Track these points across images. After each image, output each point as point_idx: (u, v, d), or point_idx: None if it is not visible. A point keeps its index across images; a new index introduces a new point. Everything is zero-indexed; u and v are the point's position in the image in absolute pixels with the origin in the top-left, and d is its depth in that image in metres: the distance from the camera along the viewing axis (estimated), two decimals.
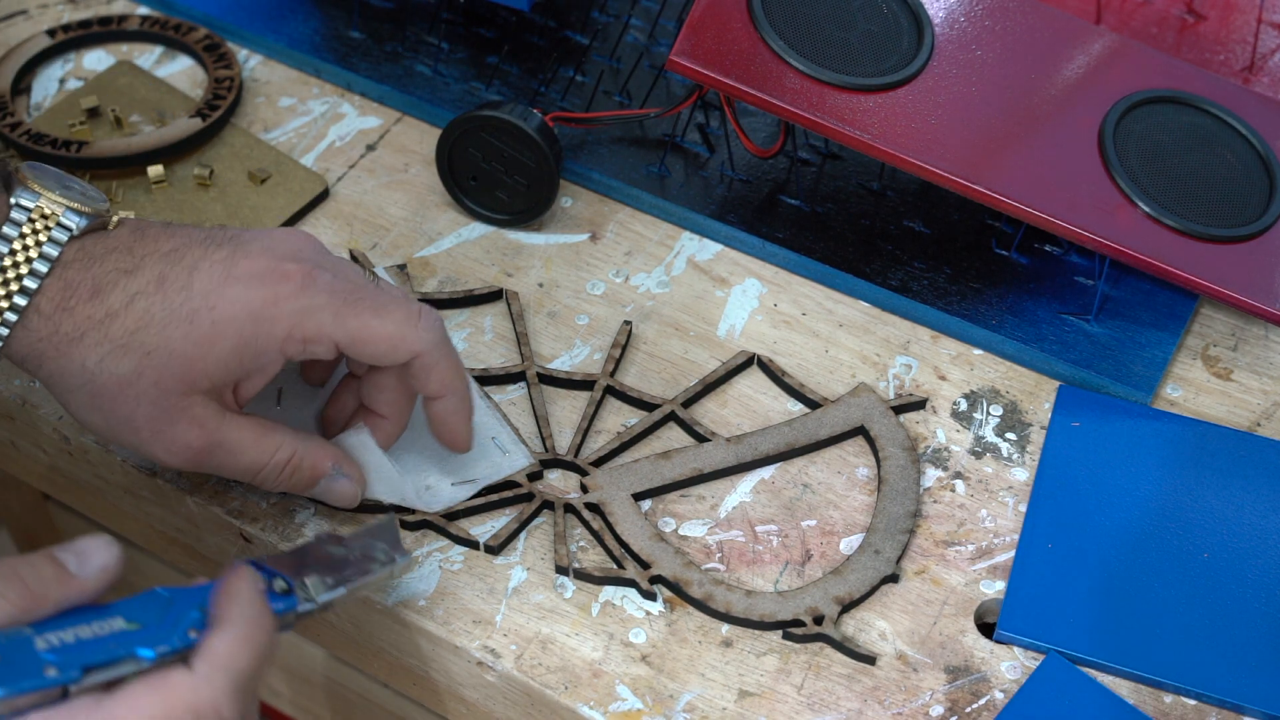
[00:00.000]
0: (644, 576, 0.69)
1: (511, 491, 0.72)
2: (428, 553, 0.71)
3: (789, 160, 0.87)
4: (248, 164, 0.87)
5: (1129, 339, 0.79)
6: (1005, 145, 0.79)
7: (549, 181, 0.82)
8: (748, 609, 0.68)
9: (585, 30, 0.94)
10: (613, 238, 0.85)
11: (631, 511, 0.72)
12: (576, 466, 0.74)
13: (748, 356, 0.78)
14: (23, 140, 0.86)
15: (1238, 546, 0.71)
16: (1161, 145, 0.81)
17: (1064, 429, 0.76)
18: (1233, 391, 0.79)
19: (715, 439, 0.75)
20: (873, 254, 0.83)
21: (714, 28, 0.78)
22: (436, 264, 0.83)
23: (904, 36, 0.81)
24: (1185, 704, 0.67)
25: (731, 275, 0.83)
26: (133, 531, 0.81)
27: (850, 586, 0.69)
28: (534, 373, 0.77)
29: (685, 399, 0.76)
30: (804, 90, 0.77)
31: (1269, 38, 0.93)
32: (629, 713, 0.66)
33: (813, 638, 0.68)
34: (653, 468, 0.73)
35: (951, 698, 0.67)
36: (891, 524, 0.71)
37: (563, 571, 0.70)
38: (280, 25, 0.93)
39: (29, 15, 0.96)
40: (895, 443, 0.74)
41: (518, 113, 0.81)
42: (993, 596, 0.70)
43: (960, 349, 0.80)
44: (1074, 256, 0.83)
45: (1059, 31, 0.84)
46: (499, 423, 0.74)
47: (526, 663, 0.68)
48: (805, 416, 0.76)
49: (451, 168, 0.84)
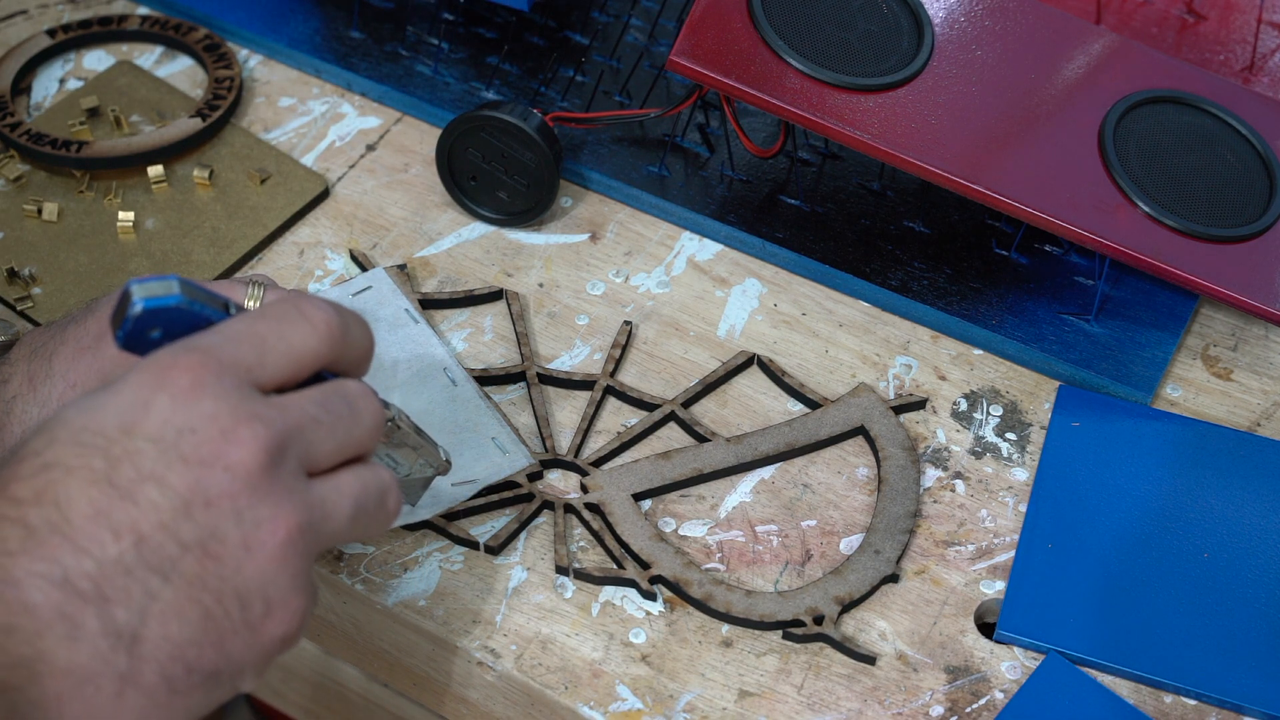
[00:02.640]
0: (644, 576, 0.69)
1: (511, 492, 0.73)
2: (428, 553, 0.71)
3: (789, 160, 0.87)
4: (248, 164, 0.87)
5: (1129, 339, 0.79)
6: (1005, 145, 0.79)
7: (549, 181, 0.82)
8: (748, 609, 0.68)
9: (585, 30, 0.94)
10: (613, 238, 0.85)
11: (631, 511, 0.72)
12: (576, 467, 0.74)
13: (748, 356, 0.78)
14: (23, 140, 0.86)
15: (1238, 546, 0.71)
16: (1161, 145, 0.81)
17: (1064, 429, 0.76)
18: (1233, 391, 0.79)
19: (715, 439, 0.75)
20: (873, 254, 0.83)
21: (714, 28, 0.78)
22: (436, 264, 0.83)
23: (904, 36, 0.81)
24: (1185, 704, 0.67)
25: (731, 275, 0.83)
26: None
27: (850, 586, 0.69)
28: (534, 373, 0.77)
29: (685, 399, 0.76)
30: (804, 90, 0.77)
31: (1269, 38, 0.93)
32: (629, 713, 0.66)
33: (813, 638, 0.68)
34: (653, 468, 0.73)
35: (951, 698, 0.67)
36: (891, 524, 0.71)
37: (563, 571, 0.70)
38: (280, 25, 0.93)
39: (29, 15, 0.96)
40: (895, 443, 0.74)
41: (518, 113, 0.81)
42: (993, 596, 0.70)
43: (960, 349, 0.80)
44: (1074, 256, 0.83)
45: (1059, 31, 0.84)
46: (499, 423, 0.74)
47: (526, 663, 0.68)
48: (805, 416, 0.76)
49: (451, 168, 0.84)
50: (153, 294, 0.54)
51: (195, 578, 0.51)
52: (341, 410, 0.56)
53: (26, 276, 0.81)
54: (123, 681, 0.51)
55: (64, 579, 0.50)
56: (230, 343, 0.54)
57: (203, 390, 0.52)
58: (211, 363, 0.53)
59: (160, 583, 0.51)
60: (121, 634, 0.50)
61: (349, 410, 0.57)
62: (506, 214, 0.84)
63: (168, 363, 0.53)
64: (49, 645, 0.50)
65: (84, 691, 0.50)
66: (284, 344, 0.55)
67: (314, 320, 0.56)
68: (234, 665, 0.53)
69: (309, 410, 0.55)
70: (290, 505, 0.53)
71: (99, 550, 0.50)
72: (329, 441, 0.56)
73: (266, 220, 0.84)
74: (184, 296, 0.55)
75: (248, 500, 0.52)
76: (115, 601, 0.50)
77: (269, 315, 0.56)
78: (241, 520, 0.52)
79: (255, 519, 0.52)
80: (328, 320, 0.57)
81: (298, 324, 0.56)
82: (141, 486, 0.51)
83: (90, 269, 0.82)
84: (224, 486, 0.52)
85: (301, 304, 0.57)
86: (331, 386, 0.57)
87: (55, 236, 0.83)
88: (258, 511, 0.52)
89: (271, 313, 0.56)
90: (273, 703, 0.98)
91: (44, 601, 0.50)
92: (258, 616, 0.53)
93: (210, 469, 0.52)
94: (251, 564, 0.52)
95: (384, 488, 0.58)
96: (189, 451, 0.52)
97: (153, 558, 0.51)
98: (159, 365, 0.53)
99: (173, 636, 0.51)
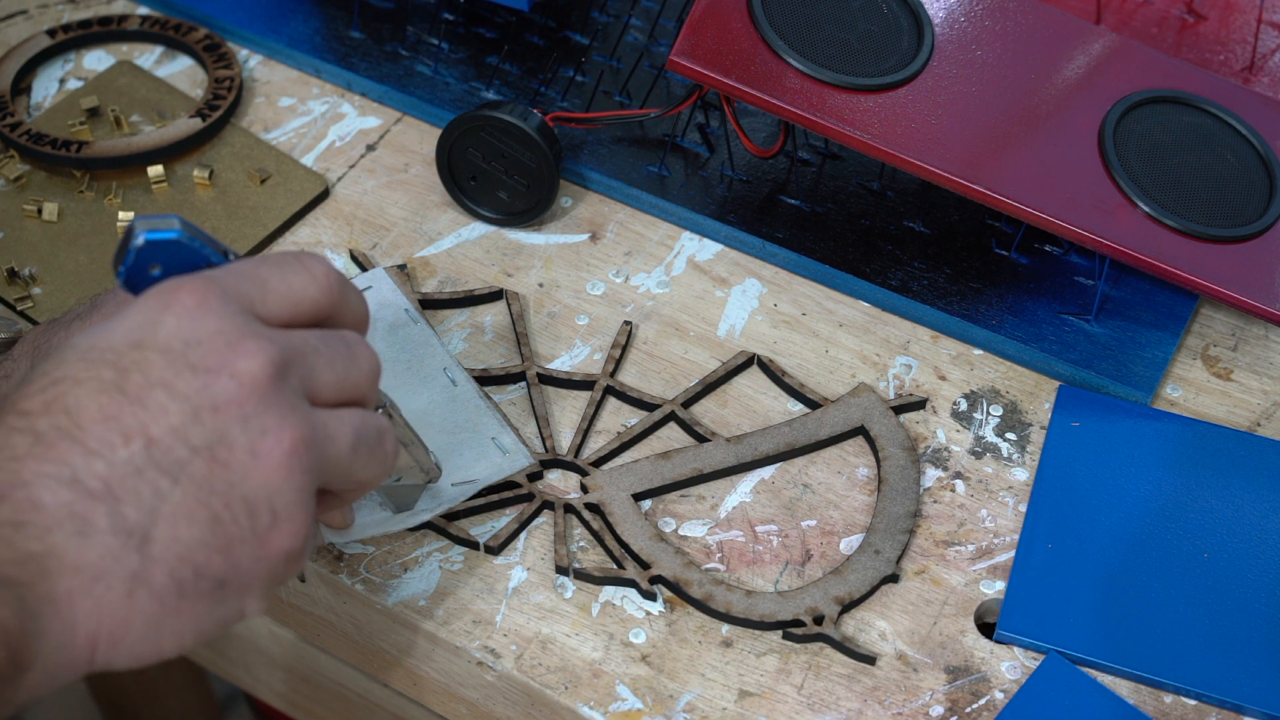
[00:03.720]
0: (644, 577, 0.69)
1: (512, 492, 0.73)
2: (428, 553, 0.71)
3: (789, 160, 0.87)
4: (248, 164, 0.87)
5: (1129, 339, 0.79)
6: (1005, 145, 0.79)
7: (549, 181, 0.82)
8: (748, 609, 0.68)
9: (585, 30, 0.94)
10: (613, 238, 0.85)
11: (631, 511, 0.72)
12: (576, 467, 0.74)
13: (748, 357, 0.78)
14: (23, 140, 0.86)
15: (1238, 546, 0.71)
16: (1161, 145, 0.81)
17: (1064, 429, 0.76)
18: (1233, 391, 0.79)
19: (715, 439, 0.75)
20: (873, 254, 0.83)
21: (714, 28, 0.78)
22: (436, 264, 0.83)
23: (904, 36, 0.81)
24: (1185, 704, 0.67)
25: (731, 275, 0.83)
26: None
27: (850, 586, 0.69)
28: (534, 373, 0.77)
29: (685, 399, 0.76)
30: (804, 90, 0.77)
31: (1269, 38, 0.93)
32: (629, 713, 0.66)
33: (813, 638, 0.68)
34: (653, 468, 0.73)
35: (951, 698, 0.67)
36: (891, 524, 0.71)
37: (563, 572, 0.70)
38: (280, 25, 0.93)
39: (29, 15, 0.96)
40: (895, 443, 0.74)
41: (518, 113, 0.81)
42: (993, 596, 0.70)
43: (960, 349, 0.80)
44: (1074, 256, 0.83)
45: (1059, 31, 0.84)
46: (499, 423, 0.74)
47: (526, 663, 0.68)
48: (805, 416, 0.76)
49: (451, 168, 0.84)
50: (155, 228, 0.56)
51: (204, 481, 0.52)
52: (340, 349, 0.58)
53: (26, 276, 0.81)
54: (133, 581, 0.51)
55: (73, 478, 0.51)
56: (233, 276, 0.56)
57: (208, 309, 0.54)
58: (215, 288, 0.55)
59: (170, 484, 0.52)
60: (132, 532, 0.51)
61: (347, 351, 0.58)
62: (507, 214, 0.84)
63: (173, 286, 0.54)
64: (59, 541, 0.50)
65: (95, 589, 0.50)
66: (284, 286, 0.57)
67: (314, 271, 0.58)
68: (241, 577, 0.53)
69: (310, 341, 0.57)
70: (295, 419, 0.54)
71: (109, 452, 0.51)
72: (329, 373, 0.57)
73: (266, 220, 0.84)
74: (185, 233, 0.57)
75: (254, 408, 0.53)
76: (125, 501, 0.51)
77: (270, 260, 0.58)
78: (248, 427, 0.53)
79: (261, 427, 0.53)
80: (326, 273, 0.58)
81: (298, 271, 0.58)
82: (150, 392, 0.52)
83: (90, 269, 0.82)
84: (231, 393, 0.53)
85: (301, 256, 0.58)
86: (330, 330, 0.58)
87: (55, 236, 0.83)
88: (264, 420, 0.53)
89: (272, 259, 0.58)
90: (273, 703, 0.98)
91: (53, 500, 0.50)
92: (264, 526, 0.54)
93: (218, 376, 0.53)
94: (258, 472, 0.53)
95: (382, 428, 0.59)
96: (197, 361, 0.53)
97: (162, 460, 0.52)
98: (164, 289, 0.55)
99: (182, 538, 0.52)
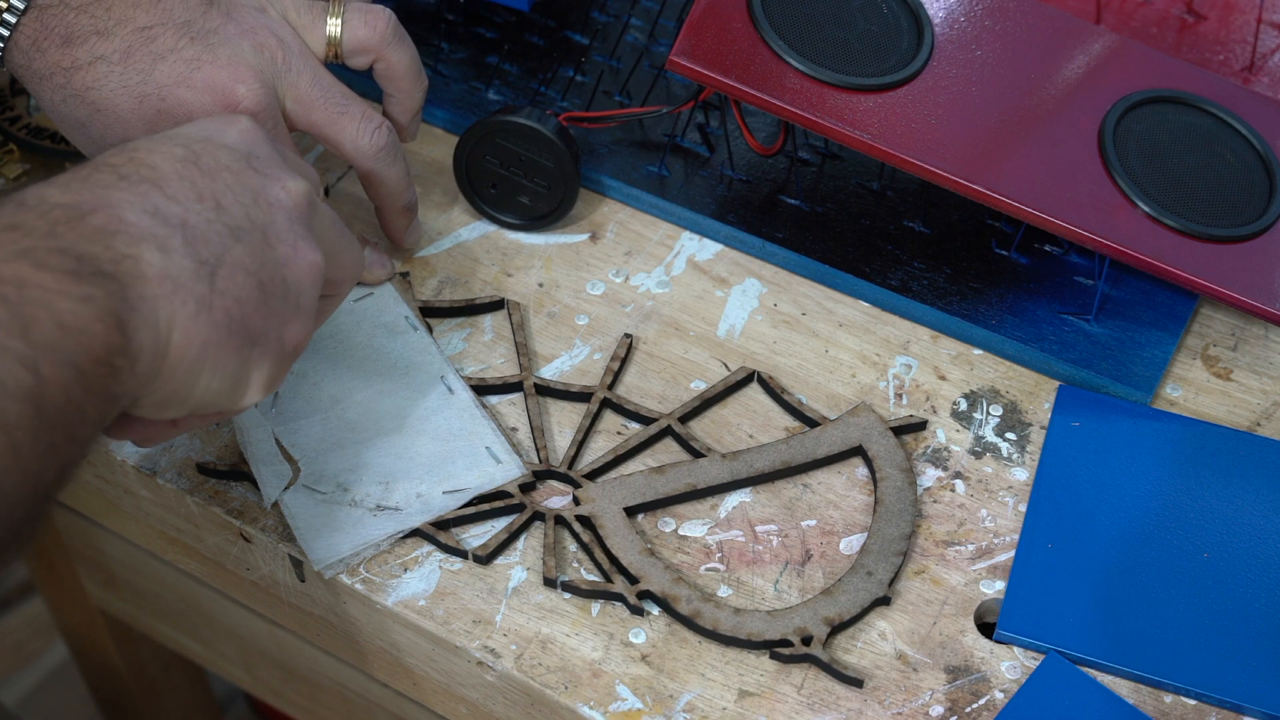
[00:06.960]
0: (632, 591, 0.69)
1: (503, 502, 0.72)
2: (428, 552, 0.71)
3: (789, 160, 0.87)
4: None
5: (1129, 339, 0.80)
6: (1005, 145, 0.79)
7: (570, 182, 0.82)
8: (735, 627, 0.68)
9: (585, 30, 0.94)
10: (613, 238, 0.85)
11: (622, 525, 0.71)
12: (569, 478, 0.74)
13: (748, 373, 0.78)
14: (22, 135, 0.86)
15: (1238, 546, 0.71)
16: (1161, 145, 0.81)
17: (1064, 429, 0.76)
18: (1233, 391, 0.79)
19: (711, 454, 0.74)
20: (873, 254, 0.83)
21: (714, 28, 0.78)
22: (436, 264, 0.83)
23: (904, 36, 0.81)
24: (1185, 704, 0.67)
25: (731, 275, 0.83)
26: (133, 531, 0.81)
27: (840, 608, 0.69)
28: (531, 383, 0.77)
29: (682, 414, 0.76)
30: (804, 90, 0.77)
31: (1269, 38, 0.93)
32: (629, 713, 0.66)
33: (800, 658, 0.68)
34: (646, 482, 0.73)
35: (951, 698, 0.67)
36: (886, 546, 0.71)
37: (550, 584, 0.70)
38: None
39: None
40: (893, 464, 0.74)
41: (534, 115, 0.80)
42: (993, 596, 0.70)
43: (960, 349, 0.80)
44: (1074, 256, 0.83)
45: (1059, 31, 0.84)
46: (493, 432, 0.74)
47: (526, 663, 0.68)
48: (803, 435, 0.75)
49: (470, 178, 0.83)
50: None
51: (258, 252, 0.59)
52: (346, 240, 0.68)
53: None
54: (201, 304, 0.56)
55: (155, 210, 0.56)
56: None
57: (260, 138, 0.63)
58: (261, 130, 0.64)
59: (234, 241, 0.58)
60: (205, 262, 0.57)
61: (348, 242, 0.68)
62: (530, 218, 0.84)
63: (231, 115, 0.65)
64: (146, 252, 0.55)
65: (174, 300, 0.55)
66: None
67: None
68: (264, 343, 0.60)
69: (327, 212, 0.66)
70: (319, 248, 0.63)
71: (185, 201, 0.58)
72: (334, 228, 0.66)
73: None
74: None
75: (297, 218, 0.62)
76: (199, 240, 0.57)
77: None
78: (293, 230, 0.61)
79: (297, 237, 0.61)
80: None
81: None
82: (219, 172, 0.60)
83: None
84: (281, 200, 0.61)
85: None
86: None
87: None
88: (298, 232, 0.61)
89: None
90: (273, 702, 0.98)
91: (139, 221, 0.55)
92: (290, 311, 0.61)
93: (271, 183, 0.61)
94: (293, 268, 0.61)
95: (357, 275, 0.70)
96: (258, 165, 0.62)
97: (230, 220, 0.59)
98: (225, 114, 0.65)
99: (238, 285, 0.58)
